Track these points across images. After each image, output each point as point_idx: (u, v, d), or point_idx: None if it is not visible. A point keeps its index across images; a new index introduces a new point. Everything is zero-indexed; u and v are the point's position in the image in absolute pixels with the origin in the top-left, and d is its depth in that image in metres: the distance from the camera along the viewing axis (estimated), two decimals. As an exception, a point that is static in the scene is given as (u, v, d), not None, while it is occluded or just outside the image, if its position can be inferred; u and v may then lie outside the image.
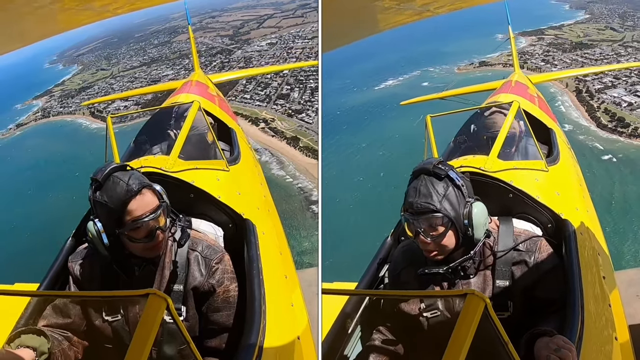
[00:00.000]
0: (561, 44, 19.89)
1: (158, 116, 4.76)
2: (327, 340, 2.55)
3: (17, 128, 22.83)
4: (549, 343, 1.99)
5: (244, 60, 22.77)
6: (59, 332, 2.38)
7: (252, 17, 26.72)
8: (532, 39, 20.82)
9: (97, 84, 24.72)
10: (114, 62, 26.90)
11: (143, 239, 2.36)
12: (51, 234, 2.84)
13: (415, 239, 2.46)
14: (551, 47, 19.84)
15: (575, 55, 18.99)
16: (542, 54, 19.73)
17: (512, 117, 3.89)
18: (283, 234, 3.99)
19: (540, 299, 2.47)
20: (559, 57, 19.12)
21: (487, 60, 20.03)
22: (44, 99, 24.77)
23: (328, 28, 3.43)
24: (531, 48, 20.12)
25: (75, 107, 22.91)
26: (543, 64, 18.58)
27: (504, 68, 18.58)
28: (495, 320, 1.67)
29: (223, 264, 2.62)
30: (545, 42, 20.34)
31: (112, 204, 2.31)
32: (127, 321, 2.44)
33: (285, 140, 14.56)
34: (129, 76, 24.49)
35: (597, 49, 18.94)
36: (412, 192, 2.41)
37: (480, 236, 2.48)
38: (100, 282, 2.52)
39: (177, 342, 2.07)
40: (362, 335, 2.79)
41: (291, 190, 12.31)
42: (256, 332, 2.30)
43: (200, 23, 27.11)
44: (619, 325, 2.67)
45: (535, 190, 3.14)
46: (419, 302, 2.54)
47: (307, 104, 16.50)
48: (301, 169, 13.17)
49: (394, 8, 4.47)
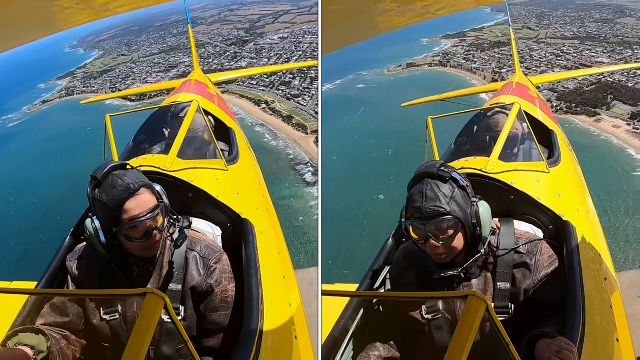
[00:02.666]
0: (481, 44, 22.32)
1: (157, 115, 4.75)
2: (328, 342, 2.54)
3: (43, 104, 23.95)
4: (551, 345, 1.98)
5: (255, 52, 24.28)
6: (57, 330, 2.37)
7: (269, 12, 27.61)
8: (455, 41, 22.99)
9: (119, 67, 25.81)
10: (134, 48, 27.80)
11: (140, 239, 2.35)
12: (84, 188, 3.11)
13: (424, 244, 2.40)
14: (472, 48, 22.11)
15: (493, 53, 21.56)
16: (464, 53, 21.95)
17: (513, 119, 3.88)
18: (282, 234, 3.98)
19: (541, 300, 2.46)
20: (478, 55, 21.51)
21: (414, 62, 21.91)
22: (67, 79, 25.80)
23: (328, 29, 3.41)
24: (454, 49, 22.32)
25: (97, 87, 24.18)
26: (464, 61, 21.13)
27: (429, 68, 21.15)
28: (497, 322, 1.66)
29: (221, 264, 2.61)
30: (467, 44, 22.60)
31: (110, 203, 2.30)
32: (125, 320, 2.43)
33: (282, 118, 17.54)
34: (149, 61, 25.61)
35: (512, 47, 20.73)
36: (418, 196, 2.36)
37: (488, 235, 2.46)
38: (99, 281, 2.51)
39: (175, 342, 2.06)
40: (363, 337, 2.78)
41: (281, 155, 15.51)
42: (254, 332, 2.30)
43: (219, 16, 28.16)
44: (620, 327, 2.66)
45: (536, 191, 3.13)
46: (420, 304, 2.53)
47: (305, 90, 19.07)
48: (291, 140, 16.35)
49: (394, 10, 4.45)
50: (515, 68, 7.74)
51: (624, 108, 17.77)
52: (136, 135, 4.51)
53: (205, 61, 23.50)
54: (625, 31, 22.42)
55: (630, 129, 17.20)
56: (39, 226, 12.05)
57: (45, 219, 12.19)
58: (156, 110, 4.80)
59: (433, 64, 21.62)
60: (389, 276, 2.99)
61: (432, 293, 2.56)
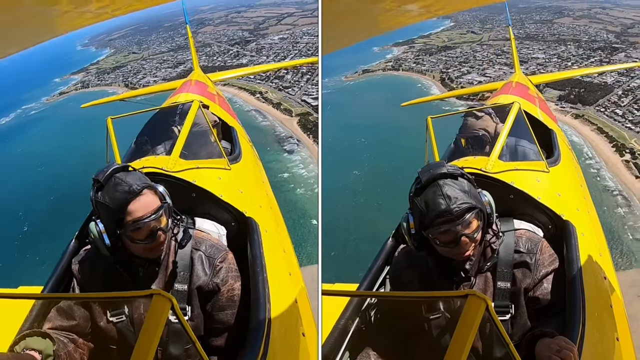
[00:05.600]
0: (429, 49, 24.56)
1: (158, 116, 4.76)
2: (328, 341, 2.55)
3: (60, 95, 25.42)
4: (551, 344, 1.99)
5: (255, 51, 26.01)
6: (64, 334, 2.38)
7: (274, 15, 28.75)
8: (405, 47, 25.10)
9: (130, 64, 27.24)
10: (144, 47, 28.94)
11: (144, 240, 2.35)
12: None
13: (453, 246, 2.32)
14: (420, 53, 24.39)
15: (439, 56, 23.77)
16: (413, 58, 24.20)
17: (513, 118, 3.90)
18: (286, 232, 3.99)
19: (541, 300, 2.47)
20: (427, 59, 23.71)
21: (369, 68, 23.78)
22: (81, 74, 27.19)
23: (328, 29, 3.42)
24: (404, 55, 24.54)
25: (111, 81, 25.83)
26: (415, 65, 23.49)
27: (383, 72, 23.21)
28: (497, 321, 1.67)
29: (227, 263, 2.62)
30: (416, 49, 24.79)
31: (113, 205, 2.30)
32: (132, 322, 2.43)
33: (272, 105, 20.87)
34: (158, 59, 27.04)
35: (457, 50, 24.09)
36: (439, 200, 2.27)
37: (494, 221, 2.47)
38: (104, 283, 2.52)
39: (182, 342, 2.07)
40: (363, 337, 2.79)
41: (268, 132, 18.94)
42: (261, 330, 2.31)
43: (226, 17, 29.30)
44: (620, 326, 2.67)
45: (536, 191, 3.14)
46: (420, 304, 2.54)
47: (294, 83, 21.83)
48: (278, 121, 19.71)
49: (394, 10, 4.46)
50: (515, 68, 7.75)
51: (553, 92, 19.62)
52: (138, 137, 4.53)
53: (210, 59, 25.27)
54: (561, 30, 24.53)
55: (558, 107, 19.03)
56: (64, 188, 15.04)
57: (70, 182, 14.79)
58: (157, 111, 4.81)
59: (387, 69, 23.75)
60: (388, 275, 3.00)
61: (432, 292, 2.56)
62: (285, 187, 14.47)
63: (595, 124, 17.74)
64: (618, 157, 16.23)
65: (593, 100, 18.64)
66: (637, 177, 15.28)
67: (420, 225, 2.37)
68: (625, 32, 23.21)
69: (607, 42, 22.59)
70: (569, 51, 22.40)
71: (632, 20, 23.99)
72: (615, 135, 17.11)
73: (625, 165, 15.91)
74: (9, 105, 23.66)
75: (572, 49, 22.62)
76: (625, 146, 16.59)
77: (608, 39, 22.88)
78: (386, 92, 20.76)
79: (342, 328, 2.62)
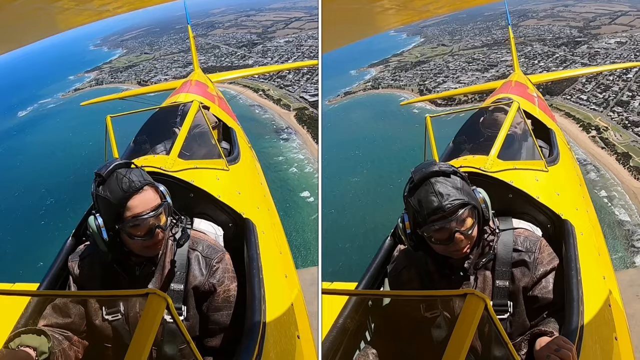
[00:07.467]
0: (403, 65, 25.55)
1: (158, 116, 4.76)
2: (327, 340, 2.55)
3: (75, 91, 26.34)
4: (549, 343, 1.99)
5: (261, 53, 26.92)
6: (59, 331, 2.38)
7: (282, 19, 29.32)
8: (380, 67, 25.98)
9: (142, 63, 28.31)
10: (155, 47, 29.82)
11: (143, 236, 2.35)
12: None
13: (448, 244, 2.32)
14: (396, 70, 25.31)
15: (415, 71, 24.88)
16: (390, 76, 25.10)
17: (512, 117, 3.89)
18: (283, 234, 3.99)
19: (540, 299, 2.47)
20: (404, 75, 24.75)
21: (350, 90, 24.59)
22: (95, 72, 28.17)
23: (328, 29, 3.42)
24: (381, 74, 25.48)
25: (124, 79, 26.92)
26: (393, 82, 24.47)
27: (365, 92, 24.16)
28: (495, 320, 1.67)
29: (224, 264, 2.62)
30: (391, 68, 25.73)
31: (113, 199, 2.31)
32: (127, 320, 2.43)
33: (273, 101, 22.22)
34: (169, 59, 28.03)
35: (431, 62, 25.26)
36: (431, 197, 2.27)
37: (490, 217, 2.47)
38: (101, 281, 2.52)
39: (177, 342, 2.07)
40: (362, 336, 2.79)
41: (267, 123, 20.61)
42: (256, 332, 2.30)
43: (235, 20, 30.08)
44: (619, 326, 2.66)
45: (535, 190, 3.14)
46: (419, 303, 2.53)
47: (295, 82, 22.94)
48: (277, 115, 21.23)
49: (393, 9, 4.46)
50: (514, 67, 7.75)
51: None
52: (137, 136, 4.52)
53: (218, 59, 26.49)
54: (526, 31, 25.51)
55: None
56: (78, 168, 16.62)
57: (82, 164, 16.07)
58: (157, 111, 4.81)
59: (367, 89, 24.74)
60: (388, 274, 2.99)
61: (431, 291, 2.56)
62: (279, 167, 16.71)
63: (563, 110, 18.92)
64: (585, 134, 17.89)
65: (560, 91, 19.81)
66: (602, 147, 17.05)
67: (415, 224, 2.37)
68: (588, 26, 24.15)
69: (570, 38, 23.59)
70: (535, 50, 23.50)
71: (593, 14, 24.79)
72: (582, 117, 18.55)
73: (592, 140, 17.63)
74: (26, 100, 24.78)
75: (537, 48, 23.64)
76: (591, 124, 18.13)
77: (571, 34, 23.83)
78: (372, 108, 22.36)
79: (340, 327, 2.62)
